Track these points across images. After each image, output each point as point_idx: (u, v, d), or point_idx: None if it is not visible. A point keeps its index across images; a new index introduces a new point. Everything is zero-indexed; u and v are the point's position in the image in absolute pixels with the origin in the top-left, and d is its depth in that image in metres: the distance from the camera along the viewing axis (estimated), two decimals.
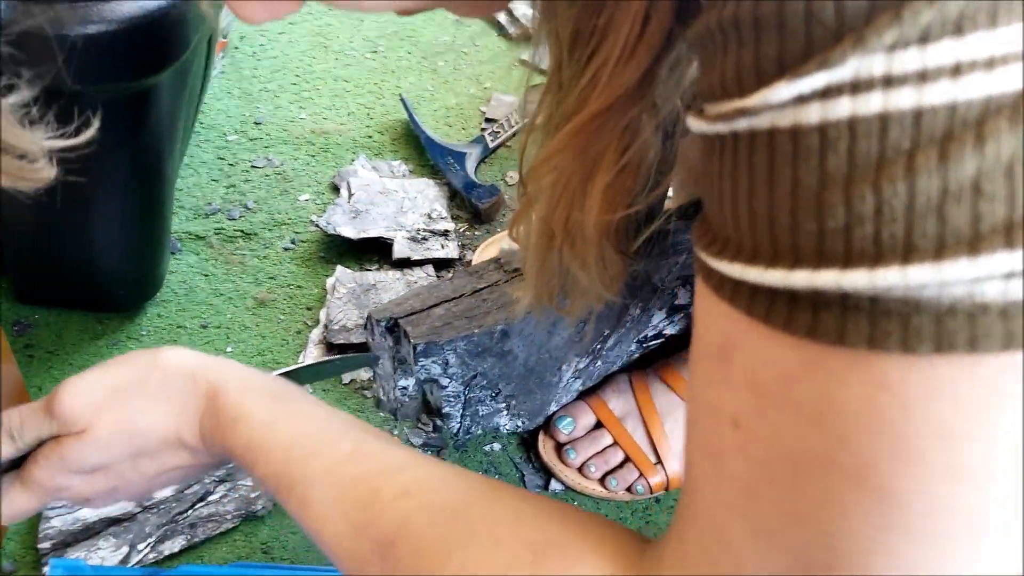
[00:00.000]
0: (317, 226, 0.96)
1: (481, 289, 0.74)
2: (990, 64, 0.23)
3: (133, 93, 0.67)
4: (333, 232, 0.94)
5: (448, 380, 0.72)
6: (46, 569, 0.66)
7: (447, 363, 0.71)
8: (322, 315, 0.89)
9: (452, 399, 0.75)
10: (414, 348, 0.69)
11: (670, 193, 0.78)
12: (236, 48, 1.16)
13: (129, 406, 0.48)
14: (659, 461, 0.79)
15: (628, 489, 0.79)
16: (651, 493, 0.79)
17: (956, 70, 0.23)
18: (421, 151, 1.07)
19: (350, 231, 0.94)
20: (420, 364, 0.70)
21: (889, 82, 0.23)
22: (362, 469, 0.43)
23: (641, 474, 0.78)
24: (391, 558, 0.39)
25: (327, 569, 0.64)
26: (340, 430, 0.46)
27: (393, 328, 0.72)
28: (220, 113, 1.08)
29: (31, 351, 0.81)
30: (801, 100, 0.25)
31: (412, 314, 0.71)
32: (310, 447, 0.44)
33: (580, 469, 0.79)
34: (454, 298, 0.73)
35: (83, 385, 0.48)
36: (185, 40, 0.68)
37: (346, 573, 0.42)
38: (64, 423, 0.47)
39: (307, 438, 0.45)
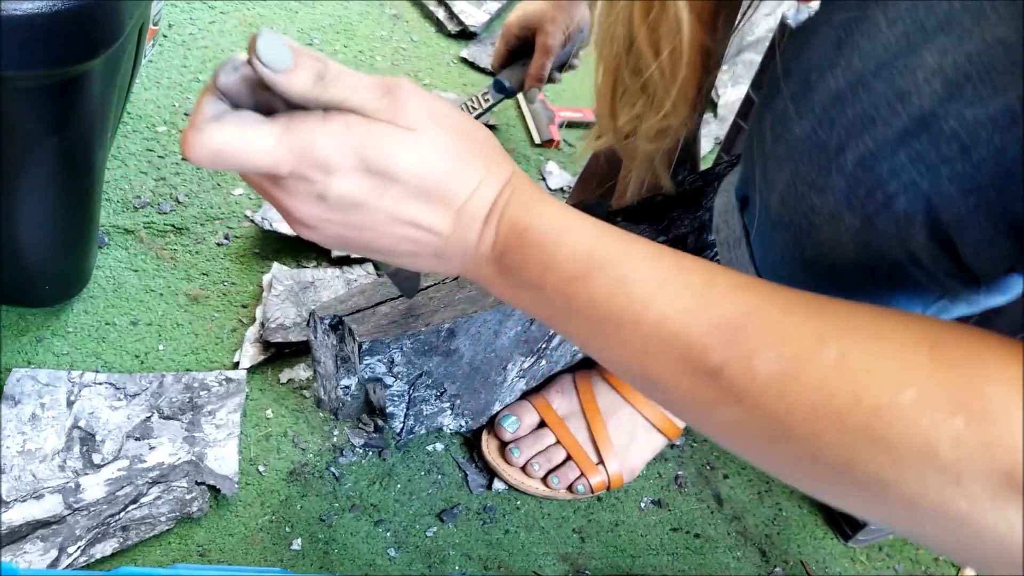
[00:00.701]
0: (252, 221, 0.94)
1: (428, 287, 0.73)
2: None
3: (64, 79, 0.65)
4: (269, 228, 0.92)
5: (393, 379, 0.72)
6: None
7: (392, 362, 0.70)
8: (258, 312, 0.86)
9: (396, 398, 0.74)
10: (359, 346, 0.68)
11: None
12: (165, 36, 1.13)
13: (459, 138, 0.43)
14: (600, 461, 0.80)
15: (569, 488, 0.80)
16: (592, 492, 0.80)
17: None
18: None
19: (287, 227, 0.92)
20: (365, 363, 0.69)
21: None
22: (688, 263, 0.41)
23: (582, 474, 0.79)
24: (739, 342, 0.37)
25: (268, 569, 0.63)
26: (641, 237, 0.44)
27: (337, 326, 0.71)
28: (149, 103, 1.04)
29: None
30: None
31: (357, 312, 0.70)
32: (624, 236, 0.42)
33: (524, 468, 0.79)
34: (400, 296, 0.72)
35: (426, 94, 0.43)
36: (120, 25, 0.66)
37: (668, 360, 0.39)
38: (398, 108, 0.41)
39: (617, 232, 0.43)
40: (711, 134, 1.22)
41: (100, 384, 0.76)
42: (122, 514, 0.68)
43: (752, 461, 0.41)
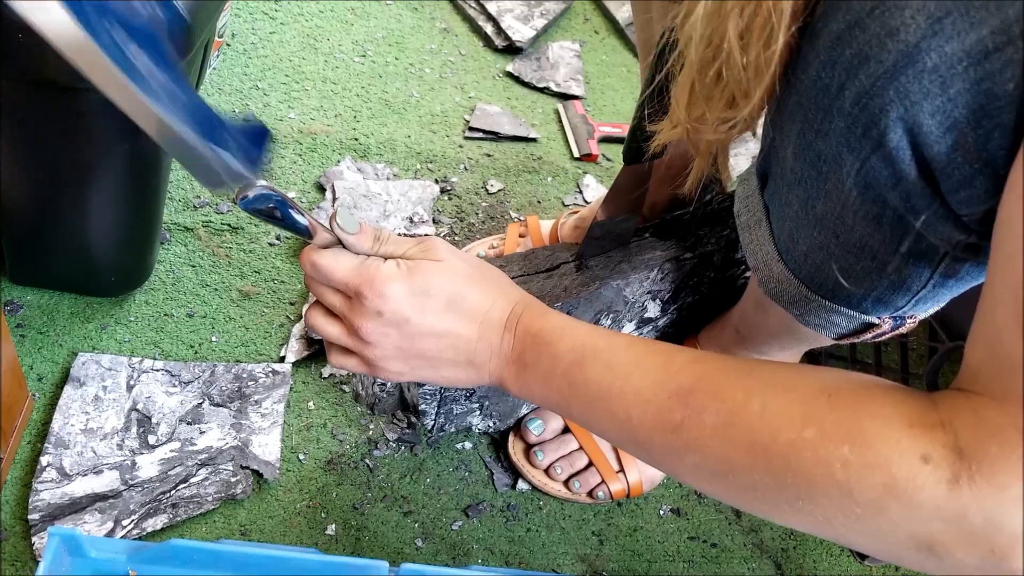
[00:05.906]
0: None
1: None
2: None
3: None
4: None
5: None
6: (35, 539, 0.69)
7: None
8: (304, 310, 0.92)
9: (428, 397, 0.78)
10: None
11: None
12: (228, 45, 1.19)
13: (474, 269, 0.59)
14: (621, 469, 0.83)
15: (590, 494, 0.83)
16: (611, 499, 0.84)
17: None
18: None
19: None
20: None
21: None
22: (655, 346, 0.54)
23: (603, 480, 0.83)
24: (692, 402, 0.49)
25: (304, 550, 0.67)
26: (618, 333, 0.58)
27: None
28: None
29: (23, 331, 0.84)
30: None
31: None
32: (607, 331, 0.57)
33: (547, 471, 0.83)
34: None
35: (449, 244, 0.59)
36: (190, 42, 0.71)
37: (646, 422, 0.51)
38: (429, 249, 0.58)
39: (602, 329, 0.57)
40: (749, 152, 1.25)
41: (157, 371, 0.82)
42: (172, 492, 0.74)
43: (720, 498, 0.51)
